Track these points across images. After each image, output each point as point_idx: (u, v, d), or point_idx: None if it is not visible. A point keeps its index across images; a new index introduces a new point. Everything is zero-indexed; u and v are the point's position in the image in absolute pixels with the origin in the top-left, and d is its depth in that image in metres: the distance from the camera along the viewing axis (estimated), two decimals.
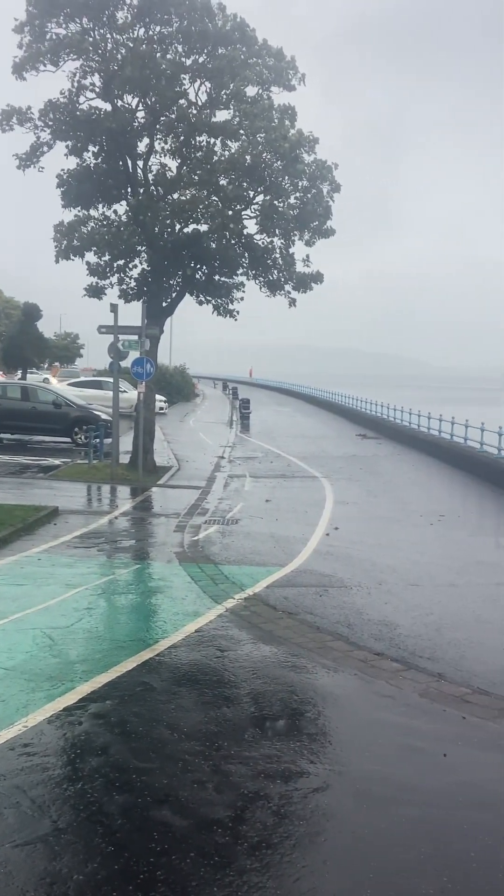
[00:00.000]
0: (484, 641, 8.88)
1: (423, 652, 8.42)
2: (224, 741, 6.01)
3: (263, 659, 8.04)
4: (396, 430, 37.71)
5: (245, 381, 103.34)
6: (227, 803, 5.10)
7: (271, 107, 21.55)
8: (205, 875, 4.32)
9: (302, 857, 4.54)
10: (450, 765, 5.80)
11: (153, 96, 21.13)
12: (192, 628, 8.93)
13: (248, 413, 45.81)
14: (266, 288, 23.58)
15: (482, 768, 5.76)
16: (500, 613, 10.03)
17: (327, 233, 22.62)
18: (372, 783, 5.47)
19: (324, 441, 35.47)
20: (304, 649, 8.37)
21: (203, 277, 23.44)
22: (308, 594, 10.66)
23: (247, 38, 21.31)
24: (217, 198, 21.82)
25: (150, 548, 13.67)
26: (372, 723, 6.64)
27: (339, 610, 9.95)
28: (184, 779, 5.40)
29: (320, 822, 4.96)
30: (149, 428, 23.01)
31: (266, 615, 9.62)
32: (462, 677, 7.66)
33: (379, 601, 10.45)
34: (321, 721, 6.62)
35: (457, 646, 8.65)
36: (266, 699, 6.97)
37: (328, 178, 21.87)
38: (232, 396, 69.20)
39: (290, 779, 5.47)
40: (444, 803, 5.23)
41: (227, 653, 8.16)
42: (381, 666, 7.93)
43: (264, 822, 4.90)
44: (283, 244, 22.85)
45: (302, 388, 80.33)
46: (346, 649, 8.43)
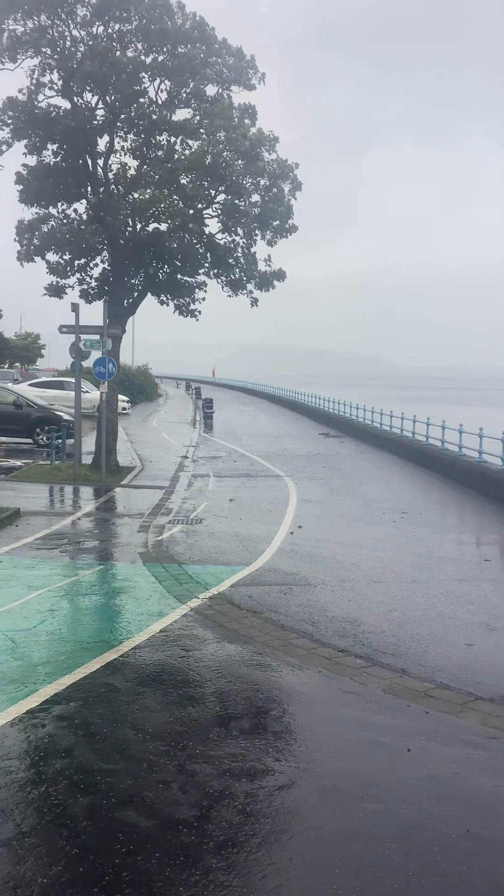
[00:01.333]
0: (446, 636, 8.96)
1: (387, 648, 8.47)
2: (189, 741, 6.00)
3: (228, 658, 8.04)
4: (359, 428, 37.92)
5: (208, 381, 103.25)
6: (193, 803, 5.09)
7: (231, 106, 21.55)
8: (171, 875, 4.30)
9: (268, 855, 4.54)
10: (414, 759, 5.85)
11: (112, 94, 21.00)
12: (156, 628, 8.90)
13: (211, 413, 45.77)
14: (228, 287, 23.57)
15: (445, 762, 5.81)
16: (461, 609, 10.13)
17: (289, 231, 22.69)
18: (337, 779, 5.49)
19: (287, 440, 35.56)
20: (269, 647, 8.38)
21: (165, 277, 23.37)
22: (272, 592, 10.67)
23: (206, 36, 21.29)
24: (178, 197, 21.76)
25: (113, 548, 13.60)
26: (336, 719, 6.67)
27: (304, 608, 9.98)
28: (149, 779, 5.38)
29: (286, 819, 4.97)
30: (111, 428, 22.88)
31: (231, 614, 9.61)
32: (425, 672, 7.72)
33: (343, 598, 10.50)
34: (286, 718, 6.63)
35: (420, 641, 8.72)
36: (231, 698, 6.97)
37: (289, 177, 21.93)
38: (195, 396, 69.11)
39: (256, 777, 5.47)
40: (409, 798, 5.27)
41: (191, 652, 8.15)
42: (345, 662, 7.97)
43: (230, 820, 4.90)
44: (245, 243, 22.87)
45: (265, 387, 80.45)
46: (310, 647, 8.45)
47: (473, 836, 4.80)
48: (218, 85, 21.89)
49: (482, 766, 5.78)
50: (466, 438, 23.90)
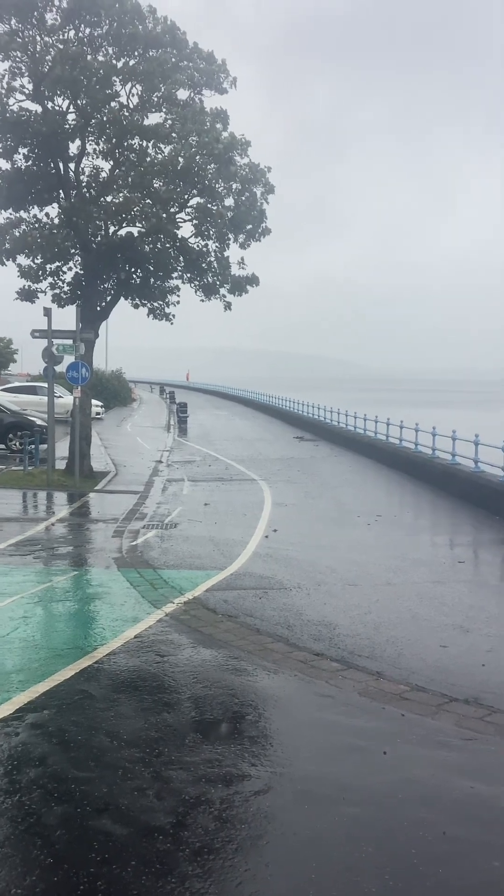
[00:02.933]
0: (421, 639, 8.99)
1: (363, 651, 8.48)
2: (165, 747, 5.96)
3: (204, 663, 8.01)
4: (333, 431, 38.01)
5: (182, 385, 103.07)
6: (169, 810, 5.05)
7: (203, 110, 21.56)
8: (146, 883, 4.26)
9: (244, 861, 4.52)
10: (390, 762, 5.85)
11: (84, 98, 20.91)
12: (131, 634, 8.85)
13: (185, 417, 45.68)
14: (201, 291, 23.56)
15: (422, 765, 5.82)
16: (436, 611, 10.17)
17: (262, 235, 22.72)
18: (313, 783, 5.48)
19: (261, 444, 35.57)
20: (245, 652, 8.36)
21: (138, 281, 23.30)
22: (248, 597, 10.65)
23: (177, 41, 21.27)
24: (150, 200, 21.70)
25: (88, 554, 13.51)
26: (312, 723, 6.66)
27: (279, 612, 9.97)
28: (124, 787, 5.33)
29: (262, 824, 4.95)
30: (85, 433, 22.76)
31: (206, 619, 9.58)
32: (400, 675, 7.73)
33: (318, 602, 10.50)
34: (262, 723, 6.61)
35: (395, 644, 8.74)
36: (207, 703, 6.94)
37: (262, 181, 21.96)
38: (169, 400, 68.93)
39: (232, 782, 5.44)
40: (385, 801, 5.27)
41: (167, 658, 8.10)
42: (320, 666, 7.97)
43: (206, 827, 4.87)
44: (218, 247, 22.86)
45: (239, 391, 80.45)
46: (286, 651, 8.44)
47: (450, 838, 4.80)
48: (189, 89, 21.90)
49: (458, 767, 5.79)
50: (439, 441, 24.03)
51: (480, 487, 19.53)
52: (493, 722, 6.59)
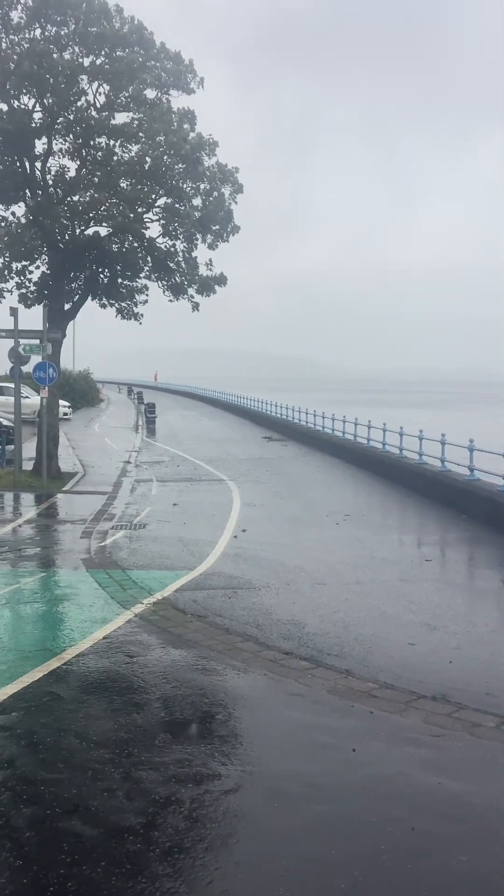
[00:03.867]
0: (389, 636, 9.05)
1: (331, 649, 8.53)
2: (134, 748, 5.96)
3: (173, 663, 8.00)
4: (301, 431, 38.11)
5: (150, 386, 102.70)
6: (139, 810, 5.05)
7: (170, 110, 21.53)
8: (117, 884, 4.26)
9: (214, 860, 4.53)
10: (359, 760, 5.89)
11: (50, 96, 20.78)
12: (100, 635, 8.82)
13: (153, 417, 45.54)
14: (169, 291, 23.52)
15: (390, 762, 5.87)
16: (404, 609, 10.25)
17: (230, 234, 22.73)
18: (283, 781, 5.50)
19: (230, 444, 35.56)
20: (214, 651, 8.37)
21: (105, 280, 23.21)
22: (217, 596, 10.66)
23: (145, 40, 21.22)
24: (118, 200, 21.62)
25: (56, 555, 13.43)
26: (282, 721, 6.69)
27: (249, 611, 9.99)
28: (94, 788, 5.32)
29: (232, 823, 4.96)
30: (52, 434, 22.61)
31: (175, 619, 9.57)
32: (369, 673, 7.79)
33: (287, 601, 10.53)
34: (232, 722, 6.63)
35: (363, 642, 8.80)
36: (177, 703, 6.94)
37: (230, 181, 21.97)
38: (137, 401, 68.66)
39: (202, 782, 5.45)
40: (354, 798, 5.31)
41: (136, 658, 8.09)
42: (290, 665, 8.00)
43: (176, 826, 4.88)
44: (186, 247, 22.84)
45: (207, 391, 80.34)
46: (255, 650, 8.46)
47: (418, 833, 4.85)
48: (157, 89, 21.86)
49: (426, 764, 5.85)
50: (407, 441, 24.18)
51: (447, 487, 19.69)
52: (461, 718, 6.66)
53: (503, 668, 8.04)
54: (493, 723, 6.56)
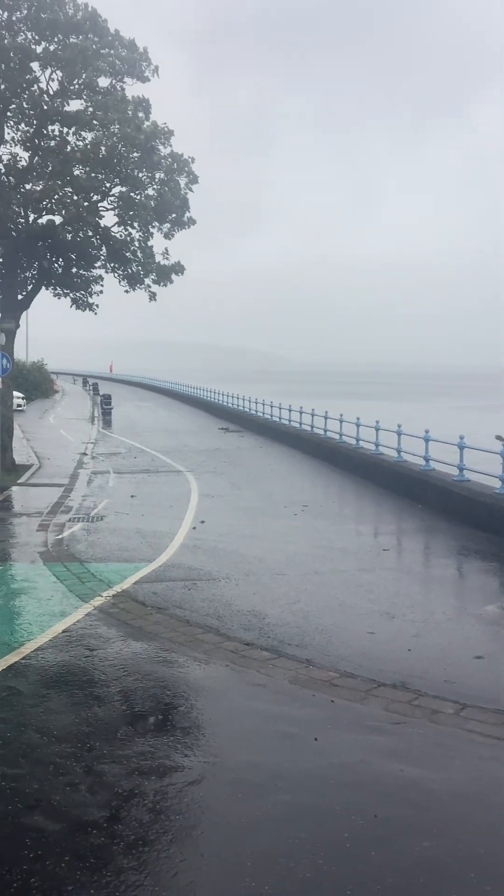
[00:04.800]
0: (349, 626, 9.12)
1: (292, 639, 8.56)
2: (96, 741, 5.92)
3: (134, 656, 7.97)
4: (259, 423, 38.13)
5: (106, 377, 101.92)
6: (102, 804, 5.02)
7: (125, 98, 21.30)
8: (81, 878, 4.23)
9: (179, 852, 4.53)
10: (321, 748, 5.93)
11: (1, 82, 20.43)
12: (59, 629, 8.75)
13: (109, 409, 45.19)
14: (125, 281, 23.32)
15: (351, 750, 5.92)
16: (362, 598, 10.32)
17: (186, 225, 22.61)
18: (246, 772, 5.51)
19: (187, 435, 35.46)
20: (175, 643, 8.35)
21: (60, 270, 22.94)
22: (177, 588, 10.63)
23: (99, 27, 20.95)
24: (72, 189, 21.35)
25: (11, 549, 13.27)
26: (244, 712, 6.70)
27: (209, 602, 9.98)
28: (56, 782, 5.28)
29: (196, 814, 4.96)
30: (7, 425, 22.32)
31: (135, 611, 9.53)
32: (329, 662, 7.84)
33: (247, 592, 10.55)
34: (194, 714, 6.62)
35: (323, 631, 8.85)
36: (138, 696, 6.91)
37: (185, 170, 21.85)
38: (93, 392, 68.11)
39: (165, 774, 5.44)
40: (317, 786, 5.34)
41: (96, 652, 8.04)
42: (251, 655, 8.01)
43: (140, 819, 4.86)
44: (142, 237, 22.66)
45: (164, 383, 79.97)
46: (216, 641, 8.46)
47: (381, 820, 4.90)
48: (111, 76, 21.61)
49: (387, 751, 5.90)
50: (363, 431, 24.33)
51: (403, 477, 19.86)
52: (421, 705, 6.74)
53: (461, 655, 8.14)
54: (452, 709, 6.64)
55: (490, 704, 6.74)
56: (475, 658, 8.02)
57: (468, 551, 13.43)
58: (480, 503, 15.33)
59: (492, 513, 14.83)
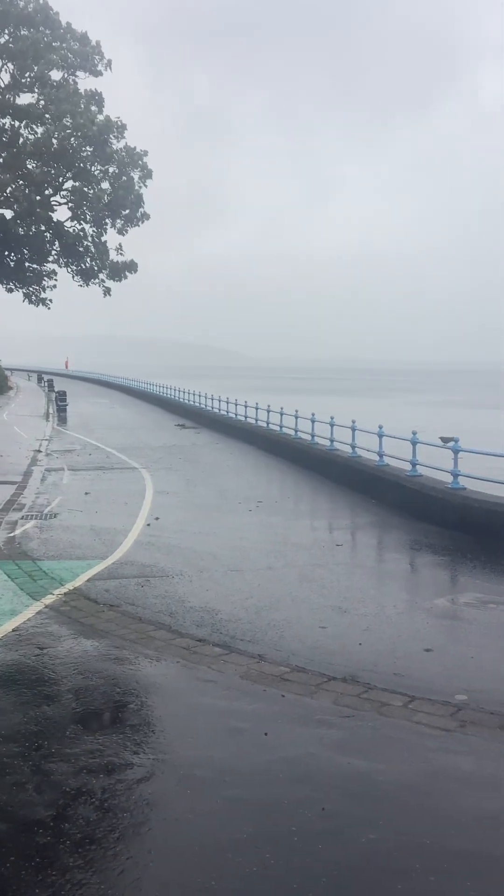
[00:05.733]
0: (301, 620, 9.16)
1: (244, 635, 8.58)
2: (44, 740, 5.88)
3: (85, 654, 7.92)
4: (215, 419, 38.10)
5: (61, 373, 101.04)
6: (49, 803, 4.99)
7: (77, 91, 21.15)
8: (26, 878, 4.20)
9: (126, 849, 4.52)
10: (270, 743, 5.95)
11: None
12: (9, 627, 8.66)
13: (64, 405, 44.80)
14: (79, 276, 23.18)
15: (301, 743, 5.95)
16: (315, 593, 10.38)
17: (140, 220, 22.51)
18: (195, 768, 5.51)
19: (142, 432, 35.30)
20: (127, 641, 8.32)
21: (12, 264, 22.69)
22: (130, 585, 10.59)
23: (51, 20, 20.76)
24: (24, 182, 21.14)
25: None
26: (195, 708, 6.70)
27: (162, 599, 9.96)
28: (1, 782, 5.23)
29: (145, 811, 4.95)
30: None
31: (87, 609, 9.48)
32: (281, 657, 7.86)
33: (200, 588, 10.54)
34: (144, 711, 6.60)
35: (276, 627, 8.88)
36: (88, 694, 6.87)
37: (139, 165, 21.76)
38: (47, 388, 67.43)
39: (114, 772, 5.42)
40: (265, 781, 5.36)
41: (46, 650, 7.97)
42: (203, 652, 8.01)
43: (87, 817, 4.84)
44: (96, 232, 22.53)
45: (120, 379, 79.51)
46: (168, 638, 8.45)
47: (328, 813, 4.93)
48: (63, 70, 21.43)
49: (336, 744, 5.95)
50: (319, 427, 24.45)
51: (358, 472, 20.00)
52: (370, 698, 6.80)
53: (410, 647, 8.23)
54: (401, 702, 6.71)
55: (438, 696, 6.83)
56: (424, 651, 8.12)
57: (420, 545, 13.58)
58: (433, 498, 15.51)
59: (443, 507, 15.01)
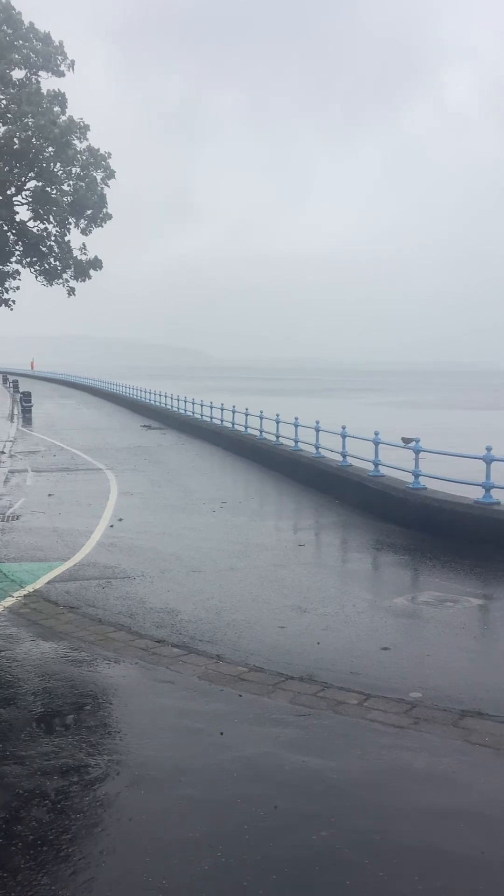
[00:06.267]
0: (261, 620, 9.21)
1: (204, 636, 8.61)
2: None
3: (43, 656, 7.90)
4: (181, 420, 38.06)
5: (27, 374, 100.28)
6: (1, 805, 4.98)
7: (40, 91, 21.03)
8: None
9: (79, 850, 4.53)
10: (226, 742, 5.99)
11: None
12: None
13: (29, 406, 44.47)
14: (43, 276, 23.05)
15: (256, 742, 5.99)
16: (276, 593, 10.43)
17: (103, 220, 22.45)
18: (150, 768, 5.54)
19: (108, 433, 35.17)
20: (86, 643, 8.32)
21: None
22: (91, 587, 10.57)
23: (12, 19, 20.61)
24: None
25: None
26: (152, 709, 6.72)
27: (122, 601, 9.95)
28: None
29: (98, 812, 4.97)
30: None
31: (47, 611, 9.45)
32: (239, 657, 7.91)
33: (162, 589, 10.55)
34: (101, 713, 6.61)
35: (235, 627, 8.92)
36: (45, 696, 6.87)
37: (102, 166, 21.70)
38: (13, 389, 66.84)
39: (68, 773, 5.43)
40: (220, 780, 5.40)
41: (3, 653, 7.95)
42: (161, 653, 8.03)
43: (40, 819, 4.85)
44: (59, 232, 22.43)
45: (86, 380, 79.10)
46: (127, 639, 8.46)
47: (280, 811, 4.99)
48: (26, 69, 21.29)
49: (291, 743, 6.00)
50: (284, 428, 24.54)
51: (322, 473, 20.11)
52: (325, 697, 6.86)
53: (368, 646, 8.31)
54: (356, 700, 6.79)
55: (393, 694, 6.91)
56: (382, 649, 8.20)
57: (382, 545, 13.69)
58: (394, 497, 15.64)
59: (405, 507, 15.15)
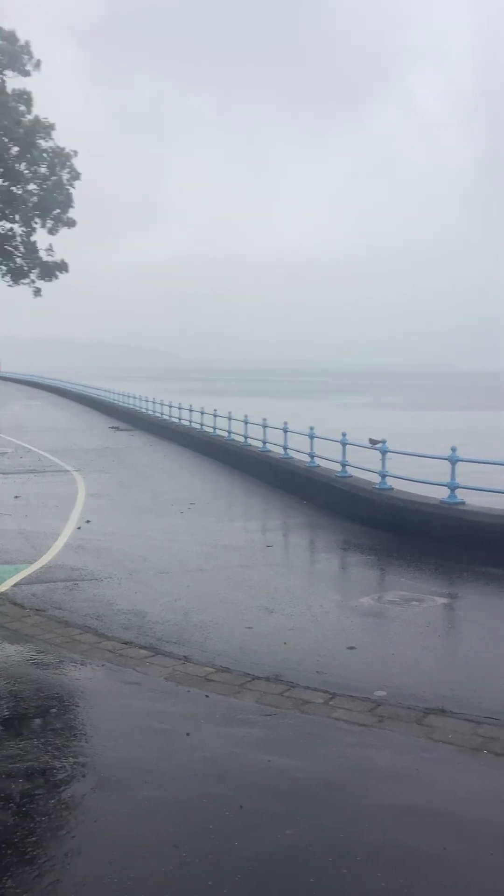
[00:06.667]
0: (228, 621, 9.23)
1: (171, 637, 8.61)
2: None
3: (7, 659, 7.86)
4: (149, 421, 37.95)
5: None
6: None
7: (4, 90, 20.86)
8: None
9: (43, 853, 4.51)
10: (192, 743, 5.99)
11: None
12: None
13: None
14: (9, 276, 22.88)
15: (222, 743, 6.01)
16: (244, 594, 10.45)
17: (70, 221, 22.34)
18: (116, 770, 5.53)
19: (76, 434, 34.98)
20: (52, 645, 8.28)
21: None
22: (57, 589, 10.52)
23: None
24: None
25: None
26: (118, 711, 6.71)
27: (89, 603, 9.92)
28: None
29: (63, 815, 4.95)
30: None
31: (12, 614, 9.39)
32: (207, 657, 7.92)
33: (129, 591, 10.53)
34: (67, 715, 6.59)
35: (203, 628, 8.93)
36: (11, 699, 6.83)
37: (67, 166, 21.59)
38: None
39: (34, 776, 5.40)
40: (186, 781, 5.40)
41: None
42: (128, 654, 8.02)
43: (4, 822, 4.82)
44: (25, 231, 22.28)
45: (54, 381, 78.55)
46: (94, 641, 8.43)
47: (245, 811, 5.00)
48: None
49: (257, 743, 6.02)
50: (251, 429, 24.57)
51: (290, 474, 20.17)
52: (292, 696, 6.90)
53: (334, 646, 8.36)
54: (322, 699, 6.83)
55: (358, 693, 6.96)
56: (348, 648, 8.26)
57: (349, 545, 13.78)
58: (361, 498, 15.74)
59: (372, 507, 15.25)
